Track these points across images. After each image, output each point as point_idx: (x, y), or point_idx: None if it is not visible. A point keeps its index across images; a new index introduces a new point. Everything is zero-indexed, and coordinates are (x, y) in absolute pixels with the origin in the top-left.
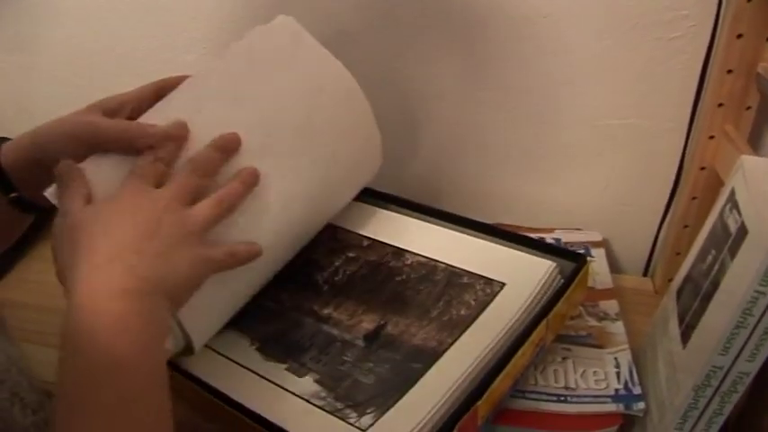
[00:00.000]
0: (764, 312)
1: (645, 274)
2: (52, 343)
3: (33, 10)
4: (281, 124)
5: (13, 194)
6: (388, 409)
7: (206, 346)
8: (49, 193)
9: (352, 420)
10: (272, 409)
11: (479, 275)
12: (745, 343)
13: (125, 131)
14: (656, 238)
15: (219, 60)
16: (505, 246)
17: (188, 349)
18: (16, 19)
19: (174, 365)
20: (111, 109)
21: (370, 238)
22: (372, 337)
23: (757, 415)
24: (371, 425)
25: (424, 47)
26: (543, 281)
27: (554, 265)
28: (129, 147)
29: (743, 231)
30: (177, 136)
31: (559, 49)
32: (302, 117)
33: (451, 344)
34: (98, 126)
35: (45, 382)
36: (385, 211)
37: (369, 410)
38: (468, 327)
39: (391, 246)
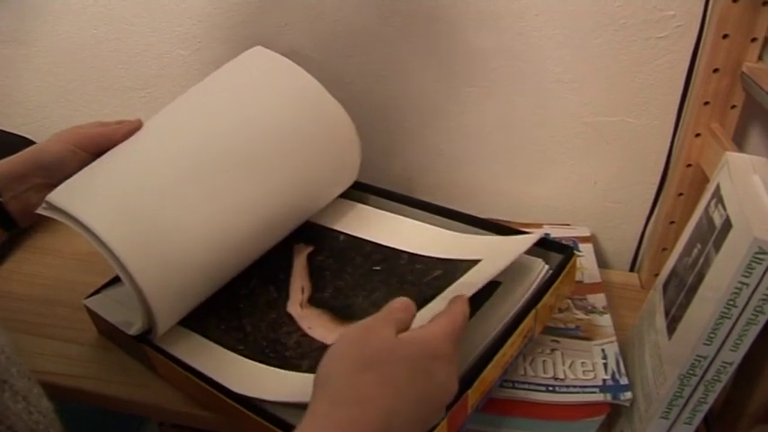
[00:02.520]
0: (747, 303)
1: (632, 270)
2: (44, 333)
3: (28, 3)
4: (259, 135)
5: None
6: None
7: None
8: (42, 208)
9: None
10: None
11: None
12: (729, 333)
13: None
14: (643, 233)
15: (198, 85)
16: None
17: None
18: (11, 12)
19: (171, 357)
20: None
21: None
22: None
23: (741, 404)
24: None
25: (415, 44)
26: (535, 281)
27: (544, 264)
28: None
29: (727, 225)
30: None
31: (549, 47)
32: (280, 129)
33: None
34: (103, 131)
35: (35, 371)
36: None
37: None
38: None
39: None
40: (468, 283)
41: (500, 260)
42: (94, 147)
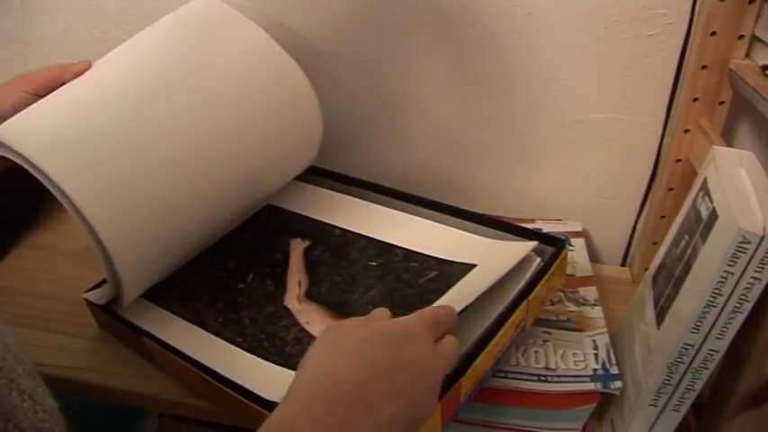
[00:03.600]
0: (732, 292)
1: (623, 264)
2: (46, 327)
3: (25, 3)
4: (208, 95)
5: None
6: None
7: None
8: None
9: None
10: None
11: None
12: (715, 321)
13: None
14: (634, 228)
15: (147, 31)
16: (487, 234)
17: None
18: (10, 12)
19: (171, 348)
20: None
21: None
22: None
23: (727, 391)
24: None
25: (411, 43)
26: (527, 272)
27: (536, 257)
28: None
29: (714, 216)
30: None
31: (542, 45)
32: (233, 89)
33: None
34: (53, 72)
35: (37, 364)
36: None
37: None
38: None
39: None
40: (461, 294)
41: (495, 270)
42: (47, 90)
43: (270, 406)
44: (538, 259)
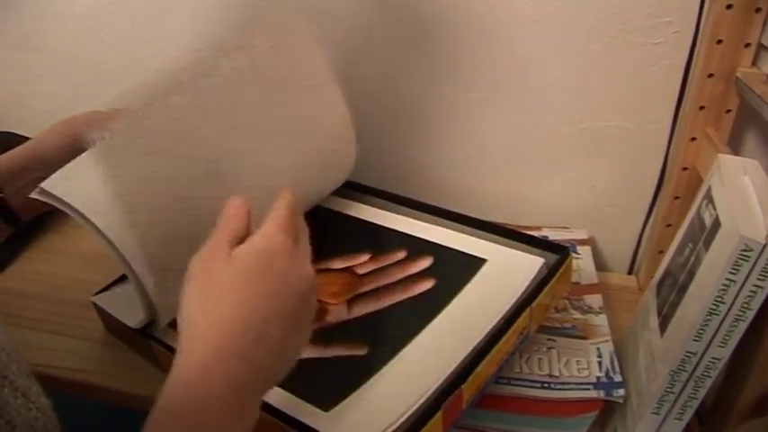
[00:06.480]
0: (735, 300)
1: (630, 272)
2: (52, 330)
3: (37, 8)
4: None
5: None
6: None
7: None
8: (36, 193)
9: None
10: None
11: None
12: (717, 329)
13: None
14: (641, 236)
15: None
16: (494, 241)
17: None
18: (20, 17)
19: (167, 345)
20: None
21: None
22: None
23: (731, 400)
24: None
25: (417, 50)
26: (532, 279)
27: (542, 263)
28: None
29: (717, 224)
30: None
31: (547, 53)
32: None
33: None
34: (98, 119)
35: (37, 365)
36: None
37: None
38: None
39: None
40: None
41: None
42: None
43: (277, 414)
44: (543, 266)
